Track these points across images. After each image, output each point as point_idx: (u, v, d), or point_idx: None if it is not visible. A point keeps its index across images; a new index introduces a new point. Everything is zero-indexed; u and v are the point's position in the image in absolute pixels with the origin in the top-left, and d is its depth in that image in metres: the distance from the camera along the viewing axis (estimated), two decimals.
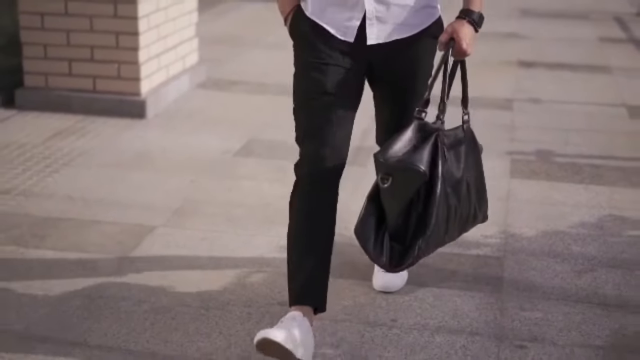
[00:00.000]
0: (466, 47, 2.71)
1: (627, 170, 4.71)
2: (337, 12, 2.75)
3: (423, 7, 2.79)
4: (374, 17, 2.74)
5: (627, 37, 8.41)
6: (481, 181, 2.90)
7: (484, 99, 5.95)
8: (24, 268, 3.46)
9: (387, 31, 2.76)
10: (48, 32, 5.42)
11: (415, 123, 2.70)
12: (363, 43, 2.76)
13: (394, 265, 2.72)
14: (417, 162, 2.63)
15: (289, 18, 2.86)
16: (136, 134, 5.13)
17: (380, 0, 2.73)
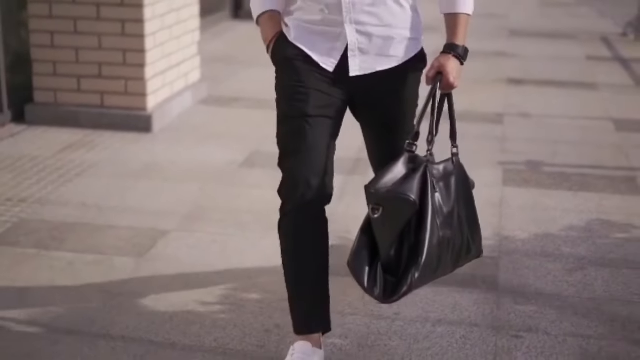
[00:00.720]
0: (453, 81, 2.74)
1: (614, 178, 4.94)
2: (320, 41, 2.76)
3: (406, 39, 2.79)
4: (356, 48, 2.74)
5: (613, 56, 8.68)
6: (473, 215, 2.86)
7: (475, 113, 6.19)
8: (46, 267, 3.66)
9: (369, 62, 2.76)
10: (58, 49, 5.63)
11: (406, 155, 2.71)
12: (345, 74, 2.76)
13: (388, 296, 2.69)
14: (407, 191, 2.62)
15: (271, 45, 2.87)
16: (143, 147, 5.34)
17: (362, 32, 2.73)
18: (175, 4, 5.94)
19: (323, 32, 2.75)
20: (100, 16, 5.52)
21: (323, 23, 2.74)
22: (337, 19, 2.71)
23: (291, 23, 2.81)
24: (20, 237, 3.97)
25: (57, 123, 5.67)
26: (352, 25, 2.72)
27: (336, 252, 3.30)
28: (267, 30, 2.87)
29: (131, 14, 5.49)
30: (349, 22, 2.71)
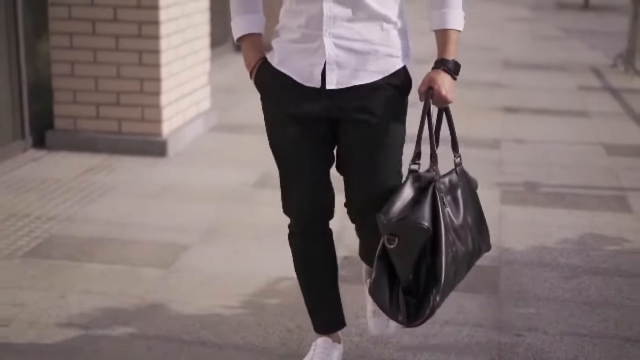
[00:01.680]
0: (445, 94, 2.74)
1: (606, 197, 5.25)
2: (301, 59, 2.78)
3: (386, 55, 2.79)
4: (334, 62, 2.75)
5: (603, 86, 9.03)
6: (480, 216, 2.92)
7: (473, 139, 6.50)
8: (80, 277, 3.94)
9: (346, 77, 2.76)
10: (78, 79, 5.94)
11: (410, 177, 2.74)
12: (326, 90, 2.78)
13: (412, 320, 2.75)
14: (419, 219, 2.66)
15: (254, 71, 2.90)
16: (160, 170, 5.63)
17: (340, 46, 2.74)
18: (188, 35, 6.26)
19: (303, 48, 2.78)
20: (119, 47, 5.83)
21: (302, 39, 2.78)
22: (315, 32, 2.74)
23: (276, 45, 2.85)
24: (52, 250, 4.25)
25: (76, 148, 5.96)
26: (331, 39, 2.74)
27: (350, 262, 3.59)
28: (249, 57, 2.91)
29: (148, 45, 5.80)
30: (328, 35, 2.73)
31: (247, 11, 2.90)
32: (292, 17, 2.79)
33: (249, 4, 2.91)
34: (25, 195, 5.06)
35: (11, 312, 3.58)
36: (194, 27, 6.35)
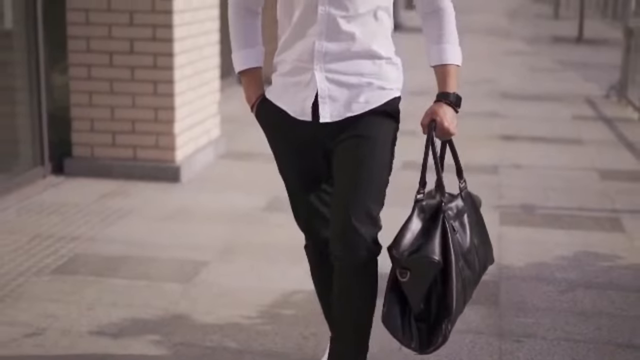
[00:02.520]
0: (448, 126, 2.79)
1: (600, 219, 5.52)
2: (294, 93, 2.86)
3: (377, 88, 2.85)
4: (326, 95, 2.81)
5: (597, 116, 9.33)
6: (484, 232, 3.01)
7: (472, 165, 6.77)
8: (106, 291, 4.20)
9: (339, 110, 2.82)
10: (95, 108, 6.23)
11: (417, 207, 2.78)
12: (318, 121, 2.84)
13: (425, 347, 2.82)
14: (431, 253, 2.71)
15: (254, 106, 2.99)
16: (174, 195, 5.90)
17: (332, 80, 2.81)
18: (200, 67, 6.56)
19: (296, 82, 2.85)
20: (135, 78, 6.13)
21: (295, 72, 2.85)
22: (307, 66, 2.81)
23: (274, 79, 2.95)
24: (78, 267, 4.51)
25: (93, 174, 6.23)
26: (322, 72, 2.80)
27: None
28: (249, 93, 3.01)
29: (162, 76, 6.09)
30: (319, 69, 2.80)
31: (247, 45, 3.00)
32: (287, 51, 2.87)
33: (249, 38, 3.00)
34: (47, 218, 5.32)
35: (44, 322, 3.84)
36: (206, 59, 6.65)
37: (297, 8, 2.80)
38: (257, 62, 3.01)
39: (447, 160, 2.98)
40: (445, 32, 2.89)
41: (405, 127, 3.60)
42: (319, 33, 2.77)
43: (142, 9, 6.02)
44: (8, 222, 5.24)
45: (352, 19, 2.78)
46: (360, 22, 2.79)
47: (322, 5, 2.76)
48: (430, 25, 2.90)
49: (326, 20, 2.77)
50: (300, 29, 2.81)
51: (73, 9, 6.12)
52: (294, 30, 2.83)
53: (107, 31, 6.09)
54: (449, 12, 2.90)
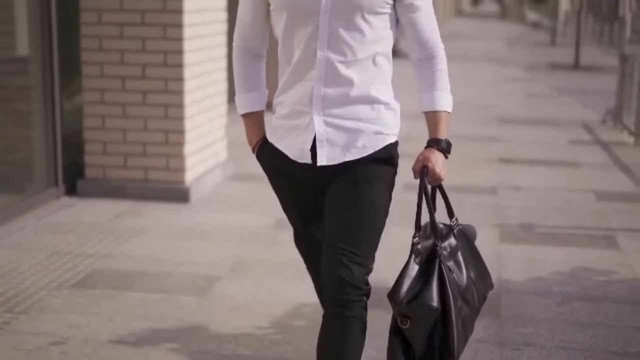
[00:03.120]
0: (439, 172, 2.84)
1: (595, 237, 5.73)
2: (294, 136, 2.89)
3: (375, 133, 2.87)
4: (324, 139, 2.83)
5: (593, 140, 9.57)
6: (482, 266, 3.07)
7: (472, 186, 7.00)
8: (124, 304, 4.39)
9: (336, 154, 2.84)
10: (107, 131, 6.44)
11: (414, 250, 2.83)
12: (317, 165, 2.87)
13: None
14: (429, 300, 2.77)
15: (256, 148, 3.04)
16: (184, 214, 6.11)
17: (330, 124, 2.83)
18: (209, 91, 6.79)
19: (295, 125, 2.88)
20: (146, 102, 6.35)
21: (293, 115, 2.88)
22: (306, 109, 2.84)
23: (274, 122, 2.98)
24: (96, 282, 4.71)
25: (105, 195, 6.43)
26: (321, 116, 2.82)
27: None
28: (250, 136, 3.06)
29: (173, 100, 6.32)
30: (317, 113, 2.82)
31: (250, 89, 3.05)
32: (286, 93, 2.90)
33: (253, 82, 3.04)
34: (64, 236, 5.52)
35: (67, 332, 4.03)
36: (214, 84, 6.88)
37: (297, 52, 2.83)
38: (260, 106, 3.06)
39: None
40: (437, 80, 2.91)
41: (406, 149, 3.82)
42: (317, 77, 2.80)
43: (153, 36, 6.25)
44: (26, 240, 5.44)
45: (351, 64, 2.80)
46: (359, 67, 2.81)
47: (321, 50, 2.78)
48: (422, 73, 2.93)
49: (325, 65, 2.79)
50: (299, 72, 2.84)
51: (87, 36, 6.35)
52: (292, 73, 2.86)
53: (120, 57, 6.32)
54: (440, 59, 2.93)
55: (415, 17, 2.87)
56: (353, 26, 2.77)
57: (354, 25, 2.77)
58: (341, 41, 2.77)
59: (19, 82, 6.31)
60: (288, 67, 2.88)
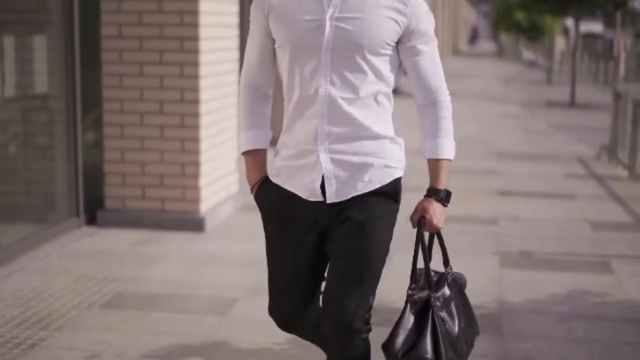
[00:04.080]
0: (437, 223, 2.88)
1: (591, 263, 6.05)
2: (302, 176, 2.89)
3: (381, 166, 2.89)
4: (332, 176, 2.85)
5: (588, 174, 9.92)
6: (469, 313, 3.10)
7: (473, 217, 7.33)
8: (150, 322, 4.71)
9: (344, 189, 2.86)
10: (126, 164, 6.78)
11: (409, 301, 2.86)
12: (323, 202, 2.89)
13: None
14: (423, 353, 2.80)
15: (255, 187, 3.03)
16: (201, 242, 6.44)
17: (336, 160, 2.85)
18: (222, 126, 7.14)
19: (302, 165, 2.89)
20: (164, 136, 6.69)
21: (299, 155, 2.90)
22: (312, 148, 2.86)
23: (278, 164, 2.99)
24: (123, 303, 5.03)
25: (124, 225, 6.76)
26: (327, 154, 2.85)
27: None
28: (251, 175, 3.06)
29: (189, 134, 6.66)
30: (324, 150, 2.84)
31: (254, 127, 3.05)
32: (289, 135, 2.93)
33: (256, 121, 3.05)
34: (88, 263, 5.84)
35: (99, 347, 4.35)
36: (227, 119, 7.24)
37: (299, 89, 2.87)
38: (263, 144, 3.06)
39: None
40: (440, 127, 2.93)
41: (409, 182, 4.14)
42: (320, 115, 2.83)
43: (171, 74, 6.61)
44: (53, 266, 5.76)
45: (353, 102, 2.83)
46: (361, 104, 2.84)
47: (323, 87, 2.81)
48: (425, 120, 2.96)
49: (327, 102, 2.82)
50: (302, 110, 2.87)
51: (108, 74, 6.71)
52: (295, 111, 2.90)
53: (139, 94, 6.67)
54: (443, 105, 2.95)
55: (418, 61, 2.90)
56: (355, 65, 2.81)
57: (356, 64, 2.81)
58: (343, 79, 2.81)
59: (43, 117, 6.66)
60: (290, 105, 2.91)
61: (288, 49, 2.87)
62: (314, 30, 2.81)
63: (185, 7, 6.52)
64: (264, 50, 2.99)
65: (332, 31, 2.79)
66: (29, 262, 5.81)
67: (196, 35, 6.55)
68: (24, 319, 4.73)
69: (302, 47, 2.83)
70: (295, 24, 2.83)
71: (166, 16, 6.55)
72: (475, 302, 4.83)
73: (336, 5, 2.80)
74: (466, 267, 5.63)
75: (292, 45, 2.86)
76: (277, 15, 2.88)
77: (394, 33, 2.83)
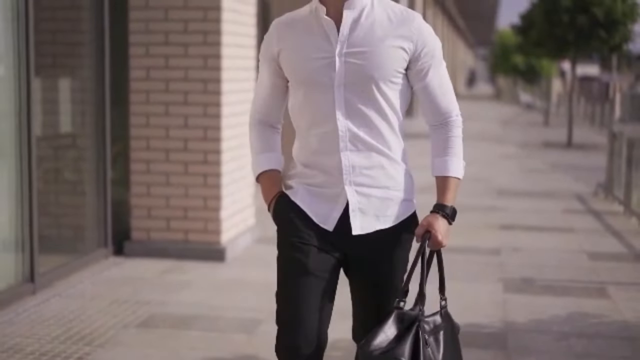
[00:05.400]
0: (442, 239, 2.86)
1: (589, 289, 6.49)
2: (319, 202, 2.93)
3: (401, 200, 2.95)
4: (357, 208, 2.89)
5: (585, 209, 10.37)
6: (458, 356, 3.00)
7: (476, 248, 7.77)
8: (185, 339, 5.13)
9: (368, 222, 2.90)
10: (152, 198, 7.23)
11: (395, 313, 2.81)
12: (342, 232, 2.91)
13: None
14: (399, 355, 2.73)
15: (272, 204, 3.03)
16: (223, 271, 6.87)
17: (361, 193, 2.89)
18: (241, 163, 7.60)
19: (323, 193, 2.93)
20: (187, 172, 7.15)
21: (323, 185, 2.93)
22: (337, 181, 2.90)
23: (293, 184, 3.01)
24: (157, 323, 5.45)
25: (149, 255, 7.19)
26: (352, 186, 2.89)
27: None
28: (267, 191, 3.05)
29: (211, 170, 7.12)
30: (349, 183, 2.89)
31: (266, 150, 3.10)
32: (311, 168, 2.97)
33: (268, 144, 3.11)
34: (119, 288, 6.27)
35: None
36: (246, 156, 7.70)
37: (318, 124, 2.92)
38: (277, 165, 3.09)
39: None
40: (450, 145, 2.98)
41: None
42: (343, 148, 2.88)
43: (195, 113, 7.08)
44: (87, 291, 6.19)
45: (371, 133, 2.89)
46: (378, 135, 2.91)
47: (341, 121, 2.87)
48: (436, 138, 3.01)
49: (347, 136, 2.88)
50: (323, 146, 2.92)
51: (135, 114, 7.18)
52: (316, 147, 2.94)
53: (165, 132, 7.14)
54: (454, 125, 3.00)
55: (428, 84, 2.95)
56: (368, 97, 2.87)
57: (369, 96, 2.87)
58: (359, 111, 2.87)
59: (74, 154, 7.12)
60: (308, 140, 2.96)
61: (302, 87, 2.93)
62: (325, 68, 2.87)
63: (209, 52, 7.00)
64: (274, 90, 3.06)
65: (343, 66, 2.86)
66: (65, 287, 6.24)
67: (218, 77, 7.03)
68: (68, 337, 5.15)
69: (315, 84, 2.89)
70: (306, 63, 2.89)
71: (191, 60, 7.04)
72: (481, 321, 5.36)
73: (343, 41, 2.87)
74: (472, 292, 6.15)
75: (305, 83, 2.91)
76: (287, 56, 2.95)
77: (403, 60, 2.89)
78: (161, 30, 7.07)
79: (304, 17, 2.97)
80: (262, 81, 3.08)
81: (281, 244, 3.01)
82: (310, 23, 2.93)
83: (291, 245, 2.93)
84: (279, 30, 3.00)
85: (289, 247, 2.95)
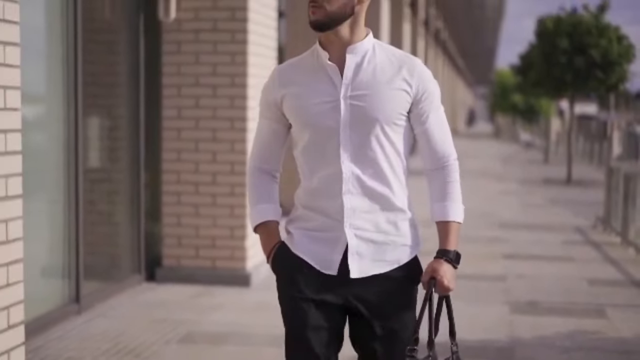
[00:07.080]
0: (448, 284, 2.85)
1: (589, 310, 7.03)
2: (320, 247, 2.91)
3: (401, 245, 2.93)
4: (355, 252, 2.88)
5: (585, 240, 10.93)
6: None
7: (482, 276, 8.32)
8: (222, 352, 5.68)
9: (366, 266, 2.88)
10: (182, 227, 7.79)
11: None
12: (343, 276, 2.89)
13: None
14: None
15: (271, 254, 3.03)
16: (249, 294, 7.41)
17: (360, 237, 2.88)
18: None
19: (323, 237, 2.91)
20: (216, 203, 7.72)
21: (323, 228, 2.92)
22: (337, 224, 2.89)
23: (293, 231, 2.99)
24: (195, 339, 5.99)
25: (179, 281, 7.73)
26: (352, 229, 2.88)
27: None
28: (265, 243, 3.06)
29: (237, 201, 7.68)
30: (349, 226, 2.88)
31: (264, 201, 3.07)
32: (310, 210, 2.96)
33: (266, 194, 3.08)
34: (156, 310, 6.81)
35: None
36: None
37: (322, 167, 2.92)
38: (274, 216, 3.07)
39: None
40: (449, 190, 2.98)
41: None
42: (346, 191, 2.88)
43: (223, 149, 7.66)
44: (126, 312, 6.73)
45: (374, 176, 2.90)
46: (382, 178, 2.92)
47: (345, 164, 2.88)
48: (434, 183, 3.01)
49: (351, 179, 2.88)
50: (326, 186, 2.92)
51: (167, 150, 7.78)
52: (319, 187, 2.94)
53: (195, 167, 7.72)
54: (452, 169, 3.00)
55: (427, 128, 2.96)
56: (373, 140, 2.87)
57: (374, 139, 2.88)
58: (363, 154, 2.87)
59: (110, 187, 7.69)
60: (312, 181, 2.96)
61: (307, 130, 2.92)
62: (330, 111, 2.88)
63: (235, 93, 7.60)
64: (274, 136, 3.05)
65: (348, 109, 2.86)
66: (106, 309, 6.78)
67: (244, 116, 7.62)
68: (117, 351, 5.69)
69: (321, 128, 2.89)
70: (310, 108, 2.90)
71: (219, 100, 7.64)
72: (490, 337, 5.93)
73: (347, 85, 2.88)
74: (480, 312, 6.71)
75: (310, 127, 2.91)
76: (291, 100, 2.95)
77: (406, 103, 2.91)
78: (192, 73, 7.67)
79: (306, 63, 2.99)
80: (262, 128, 3.08)
81: (282, 298, 3.06)
82: (313, 68, 2.95)
83: (291, 299, 2.97)
84: (281, 76, 3.00)
85: (289, 301, 2.99)
